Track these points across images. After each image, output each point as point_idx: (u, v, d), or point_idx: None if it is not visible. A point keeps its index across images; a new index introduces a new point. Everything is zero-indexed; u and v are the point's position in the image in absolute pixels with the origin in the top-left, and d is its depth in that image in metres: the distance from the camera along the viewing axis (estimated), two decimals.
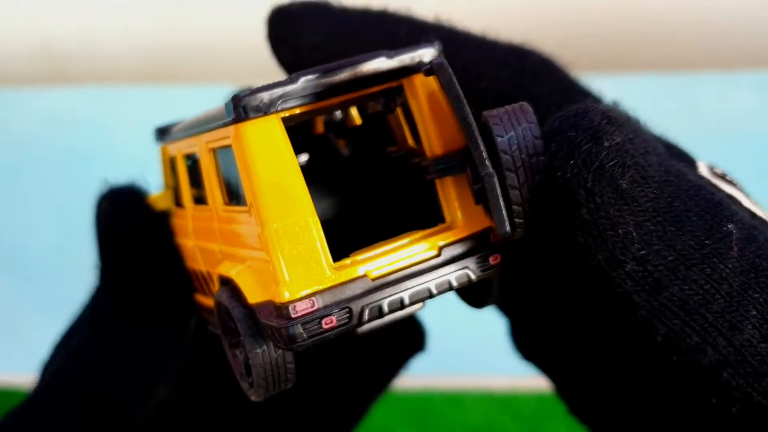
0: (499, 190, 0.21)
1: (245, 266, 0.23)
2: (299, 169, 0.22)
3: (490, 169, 0.21)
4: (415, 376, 0.33)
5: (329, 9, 0.28)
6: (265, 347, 0.23)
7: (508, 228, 0.21)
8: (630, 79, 0.64)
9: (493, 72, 0.27)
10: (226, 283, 0.24)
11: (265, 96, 0.22)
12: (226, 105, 0.22)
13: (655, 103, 0.66)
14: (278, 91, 0.22)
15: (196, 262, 0.28)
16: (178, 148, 0.28)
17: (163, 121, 0.73)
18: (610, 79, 0.67)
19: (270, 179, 0.22)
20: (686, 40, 0.64)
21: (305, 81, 0.22)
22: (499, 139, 0.21)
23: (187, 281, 0.29)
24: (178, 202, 0.29)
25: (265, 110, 0.22)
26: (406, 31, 0.28)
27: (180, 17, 0.66)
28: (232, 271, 0.24)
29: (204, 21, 0.65)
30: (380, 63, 0.23)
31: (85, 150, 0.70)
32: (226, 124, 0.23)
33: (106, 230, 0.30)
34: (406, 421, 0.63)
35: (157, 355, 0.29)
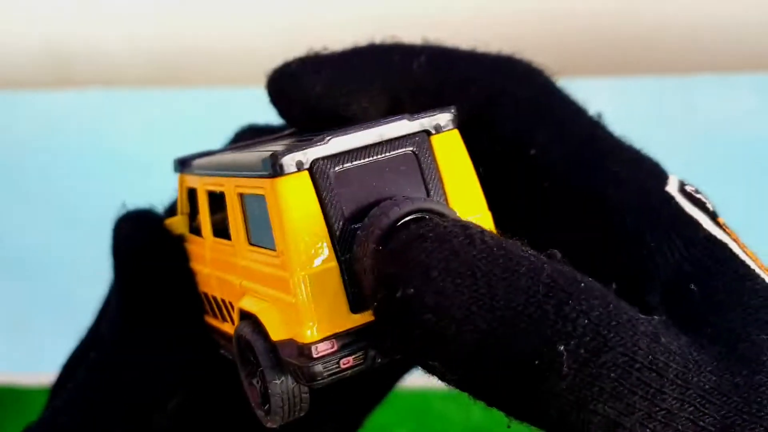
0: None
1: (269, 304, 0.25)
2: (324, 220, 0.24)
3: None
4: (415, 375, 0.33)
5: (324, 57, 0.29)
6: (283, 379, 0.25)
7: None
8: (629, 82, 0.65)
9: (482, 78, 0.28)
10: (247, 317, 0.26)
11: (300, 156, 0.24)
12: (264, 161, 0.24)
13: (654, 106, 0.66)
14: (311, 152, 0.24)
15: (211, 288, 0.30)
16: (201, 183, 0.30)
17: (164, 123, 0.73)
18: (610, 82, 0.67)
19: (299, 230, 0.24)
20: (685, 43, 0.64)
21: (335, 142, 0.24)
22: None
23: (200, 303, 0.31)
24: (194, 230, 0.31)
25: (298, 168, 0.24)
26: (399, 56, 0.29)
27: (183, 22, 0.66)
28: (256, 308, 0.25)
29: (206, 25, 0.65)
30: (403, 126, 0.25)
31: (87, 153, 0.70)
32: (260, 176, 0.25)
33: (127, 252, 0.31)
34: (405, 420, 0.64)
35: (169, 371, 0.30)
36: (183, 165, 0.32)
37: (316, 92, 0.28)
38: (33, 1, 0.69)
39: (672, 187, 0.27)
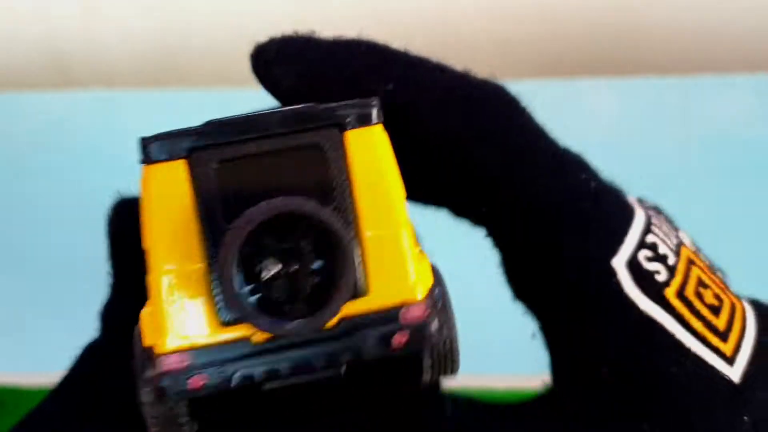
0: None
1: (152, 307, 0.22)
2: (197, 218, 0.21)
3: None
4: None
5: (302, 49, 0.28)
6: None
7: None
8: (629, 83, 0.65)
9: (449, 113, 0.27)
10: None
11: (176, 142, 0.21)
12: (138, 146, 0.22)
13: (654, 107, 0.66)
14: (192, 138, 0.21)
15: None
16: None
17: (165, 124, 0.72)
18: (609, 83, 0.67)
19: (163, 225, 0.21)
20: (685, 43, 0.64)
21: (224, 128, 0.21)
22: None
23: None
24: None
25: (171, 156, 0.21)
26: (367, 79, 0.27)
27: (184, 21, 0.66)
28: (144, 309, 0.23)
29: (208, 25, 0.65)
30: (310, 115, 0.22)
31: (87, 153, 0.70)
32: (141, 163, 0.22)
33: (116, 240, 0.30)
34: None
35: None
36: None
37: (284, 85, 0.28)
38: (34, 1, 0.69)
39: (621, 258, 0.26)
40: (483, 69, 0.30)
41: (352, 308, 0.21)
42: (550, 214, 0.27)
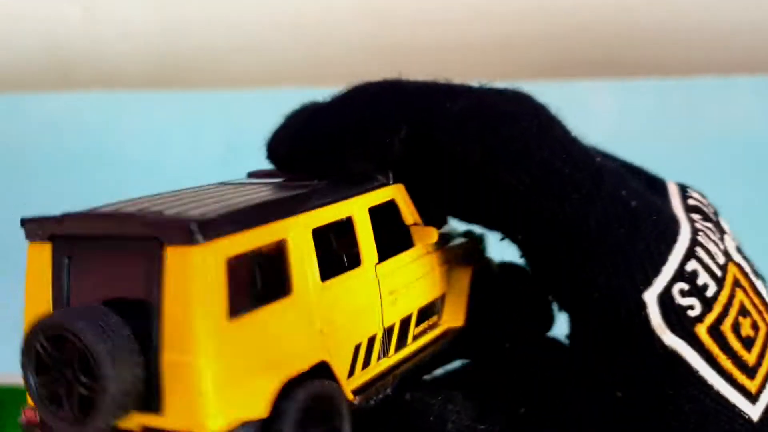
0: None
1: None
2: (51, 299, 0.23)
3: None
4: None
5: (311, 138, 0.28)
6: None
7: None
8: (629, 85, 0.65)
9: (470, 140, 0.26)
10: None
11: (38, 226, 0.23)
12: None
13: (654, 109, 0.66)
14: (49, 226, 0.23)
15: None
16: None
17: (166, 125, 0.72)
18: (609, 85, 0.67)
19: (30, 299, 0.23)
20: (687, 45, 0.64)
21: (71, 222, 0.22)
22: None
23: None
24: None
25: (39, 238, 0.23)
26: (379, 133, 0.27)
27: (184, 22, 0.66)
28: None
29: (209, 26, 0.65)
30: (136, 224, 0.21)
31: (90, 155, 0.70)
32: None
33: None
34: None
35: None
36: None
37: (310, 166, 0.28)
38: (35, 3, 0.69)
39: (653, 291, 0.26)
40: (484, 70, 0.30)
41: (147, 421, 0.21)
42: (583, 241, 0.26)
